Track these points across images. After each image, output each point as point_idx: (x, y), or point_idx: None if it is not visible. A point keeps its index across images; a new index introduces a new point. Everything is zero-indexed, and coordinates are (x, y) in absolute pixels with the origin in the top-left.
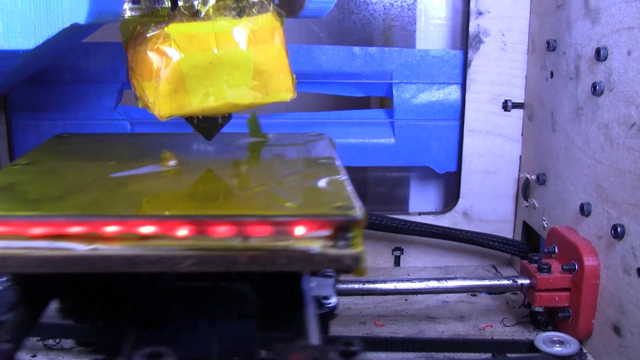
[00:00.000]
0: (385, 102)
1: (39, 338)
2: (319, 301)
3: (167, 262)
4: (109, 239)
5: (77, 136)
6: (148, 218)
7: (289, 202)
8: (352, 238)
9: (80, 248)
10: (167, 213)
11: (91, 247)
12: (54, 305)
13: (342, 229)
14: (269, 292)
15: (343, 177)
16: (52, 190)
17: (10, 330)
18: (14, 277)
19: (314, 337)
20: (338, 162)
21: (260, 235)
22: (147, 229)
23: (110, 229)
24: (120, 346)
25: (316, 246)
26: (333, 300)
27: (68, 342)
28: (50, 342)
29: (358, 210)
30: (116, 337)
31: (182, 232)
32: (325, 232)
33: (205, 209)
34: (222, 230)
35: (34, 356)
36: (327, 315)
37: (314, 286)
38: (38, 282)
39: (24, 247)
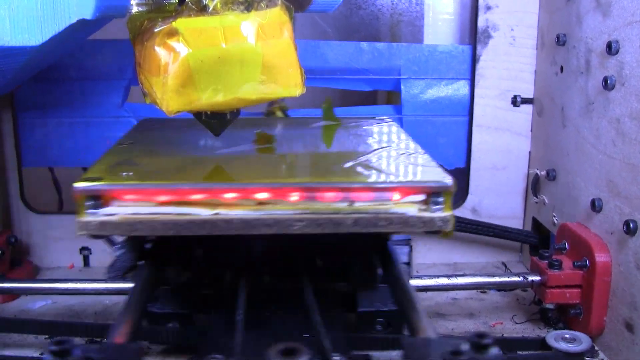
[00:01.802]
0: (392, 98)
1: (46, 336)
2: None
3: (282, 224)
4: (230, 205)
5: (162, 121)
6: (264, 185)
7: (384, 172)
8: (444, 202)
9: (204, 213)
10: (281, 181)
11: (214, 212)
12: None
13: (434, 194)
14: (363, 260)
15: (425, 152)
16: (167, 164)
17: (131, 308)
18: (130, 243)
19: (431, 330)
20: (413, 141)
21: (363, 200)
22: (262, 195)
23: (230, 195)
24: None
25: (412, 209)
26: None
27: (75, 340)
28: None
29: (448, 177)
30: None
31: (294, 197)
32: (420, 197)
33: (312, 178)
34: (330, 196)
35: (41, 354)
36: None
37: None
38: (152, 249)
39: (152, 213)
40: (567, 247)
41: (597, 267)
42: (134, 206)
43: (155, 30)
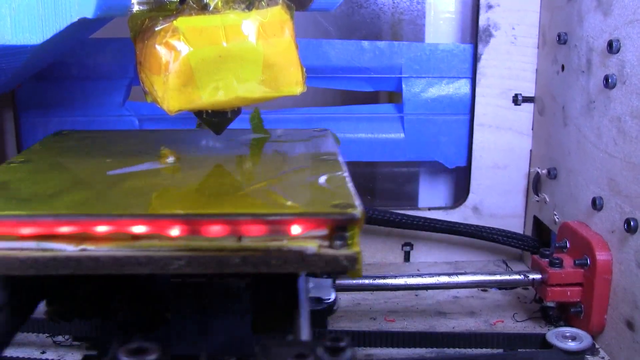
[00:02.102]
0: (394, 97)
1: (48, 334)
2: (319, 297)
3: (157, 263)
4: (100, 240)
5: (77, 133)
6: (139, 217)
7: (286, 200)
8: (349, 237)
9: (69, 249)
10: (159, 212)
11: (80, 247)
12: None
13: (339, 228)
14: (264, 292)
15: (344, 173)
16: (45, 188)
17: None
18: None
19: (305, 333)
20: (340, 159)
21: (254, 235)
22: (138, 229)
23: (101, 228)
24: (110, 342)
25: (312, 246)
26: (331, 296)
27: None
28: (60, 338)
29: (357, 208)
30: (107, 333)
31: (175, 231)
32: (322, 232)
33: (199, 208)
34: (215, 230)
35: (43, 352)
36: (326, 312)
37: (312, 287)
38: (25, 284)
39: (10, 248)
40: (568, 245)
41: (597, 266)
42: None
43: (156, 28)
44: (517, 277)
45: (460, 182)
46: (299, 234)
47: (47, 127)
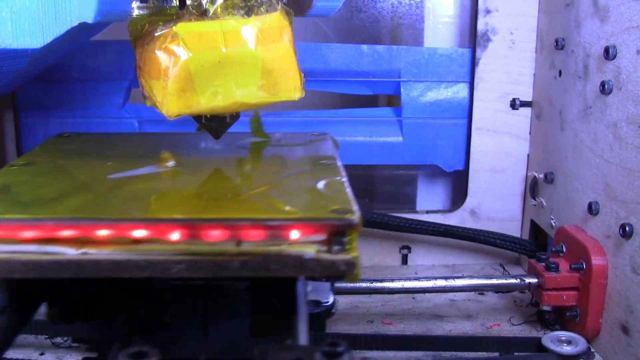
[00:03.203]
0: (392, 100)
1: (47, 336)
2: (317, 300)
3: (157, 267)
4: (100, 243)
5: (78, 136)
6: (140, 222)
7: (285, 205)
8: (347, 243)
9: (70, 252)
10: (159, 217)
11: (81, 251)
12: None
13: (337, 234)
14: (263, 295)
15: (343, 178)
16: (46, 192)
17: None
18: (1, 282)
19: (303, 337)
20: (339, 163)
21: (253, 240)
22: (138, 233)
23: (102, 232)
24: (111, 345)
25: (310, 251)
26: (330, 299)
27: None
28: (59, 339)
29: (355, 213)
30: (108, 336)
31: (174, 236)
32: (320, 237)
33: (199, 212)
34: (214, 235)
35: (41, 354)
36: (324, 315)
37: (310, 290)
38: (26, 287)
39: (12, 252)
40: (564, 249)
41: (593, 270)
42: None
43: (156, 34)
44: (513, 280)
45: (458, 186)
46: (298, 239)
47: (47, 128)
